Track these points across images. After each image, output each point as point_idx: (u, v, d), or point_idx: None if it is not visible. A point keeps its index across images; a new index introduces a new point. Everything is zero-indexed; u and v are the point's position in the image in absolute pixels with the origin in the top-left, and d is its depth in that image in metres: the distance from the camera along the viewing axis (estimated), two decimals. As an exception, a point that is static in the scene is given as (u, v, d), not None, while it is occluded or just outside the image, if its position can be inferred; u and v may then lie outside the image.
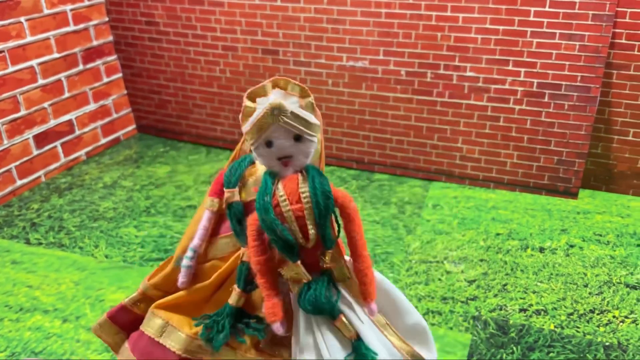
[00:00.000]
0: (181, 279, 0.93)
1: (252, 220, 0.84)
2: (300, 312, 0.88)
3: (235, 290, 0.90)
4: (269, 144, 0.80)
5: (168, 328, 0.93)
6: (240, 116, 0.82)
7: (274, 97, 0.78)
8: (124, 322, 1.01)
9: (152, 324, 0.94)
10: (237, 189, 0.88)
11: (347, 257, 0.90)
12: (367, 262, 0.86)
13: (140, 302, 0.99)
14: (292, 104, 0.78)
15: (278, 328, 0.86)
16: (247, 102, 0.80)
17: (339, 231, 0.86)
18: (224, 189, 0.89)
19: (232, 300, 0.90)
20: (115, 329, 1.01)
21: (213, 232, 0.94)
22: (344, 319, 0.87)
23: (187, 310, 0.95)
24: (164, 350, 0.92)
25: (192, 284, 0.94)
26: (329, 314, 0.86)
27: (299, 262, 0.84)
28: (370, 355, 0.86)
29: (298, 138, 0.80)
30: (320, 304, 0.84)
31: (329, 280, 0.86)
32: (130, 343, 0.97)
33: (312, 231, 0.81)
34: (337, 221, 0.86)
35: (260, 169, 0.89)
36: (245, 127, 0.80)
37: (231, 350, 0.92)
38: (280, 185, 0.81)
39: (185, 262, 0.93)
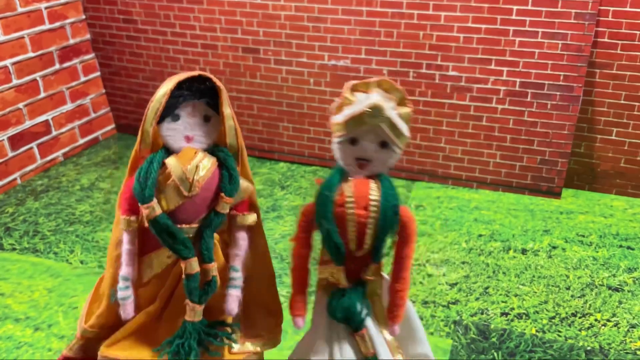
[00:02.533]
0: (124, 313, 0.82)
1: (306, 212, 0.82)
2: (324, 316, 0.86)
3: (189, 305, 0.82)
4: (353, 141, 0.78)
5: None
6: (333, 104, 0.79)
7: (376, 97, 0.76)
8: None
9: None
10: (155, 201, 0.77)
11: (384, 274, 0.88)
12: (407, 285, 0.84)
13: (82, 347, 0.92)
14: (390, 108, 0.76)
15: (299, 322, 0.85)
16: (347, 94, 0.78)
17: (390, 248, 0.84)
18: (140, 205, 0.77)
19: (189, 316, 0.82)
20: None
21: (140, 252, 0.84)
22: (366, 334, 0.85)
23: (140, 340, 0.86)
24: None
25: (137, 312, 0.84)
26: (355, 325, 0.84)
27: (342, 266, 0.82)
28: None
29: (384, 145, 0.77)
30: (352, 313, 0.82)
31: (364, 292, 0.84)
32: None
33: (368, 241, 0.79)
34: (392, 238, 0.83)
35: (174, 172, 0.78)
36: (337, 118, 0.78)
37: None
38: (350, 186, 0.78)
39: (121, 294, 0.81)
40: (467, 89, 1.73)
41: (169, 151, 0.81)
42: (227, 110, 0.80)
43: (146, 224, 0.79)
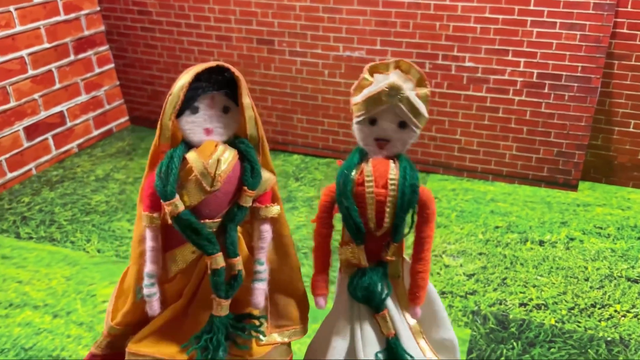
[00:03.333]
0: (150, 310, 0.81)
1: (327, 192, 0.82)
2: (346, 296, 0.87)
3: (216, 300, 0.81)
4: (373, 121, 0.78)
5: None
6: (353, 86, 0.79)
7: (394, 77, 0.76)
8: None
9: None
10: (177, 197, 0.75)
11: (405, 257, 0.88)
12: (427, 266, 0.84)
13: (111, 344, 0.91)
14: (409, 89, 0.77)
15: (320, 302, 0.86)
16: (365, 75, 0.79)
17: (410, 228, 0.83)
18: (163, 202, 0.75)
19: (216, 311, 0.81)
20: None
21: (164, 248, 0.82)
22: (387, 314, 0.85)
23: (166, 335, 0.85)
24: None
25: (163, 308, 0.83)
26: (376, 305, 0.84)
27: (362, 246, 0.82)
28: (406, 357, 0.85)
29: (403, 125, 0.78)
30: (372, 293, 0.83)
31: (385, 273, 0.84)
32: None
33: (387, 219, 0.79)
34: (412, 218, 0.83)
35: (195, 167, 0.76)
36: (356, 99, 0.78)
37: (232, 358, 0.85)
38: (369, 165, 0.79)
39: (147, 291, 0.80)
40: (483, 80, 1.72)
41: (188, 145, 0.78)
42: (247, 100, 0.78)
43: (169, 221, 0.77)
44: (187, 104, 0.76)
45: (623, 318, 1.24)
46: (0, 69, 1.75)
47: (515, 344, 1.16)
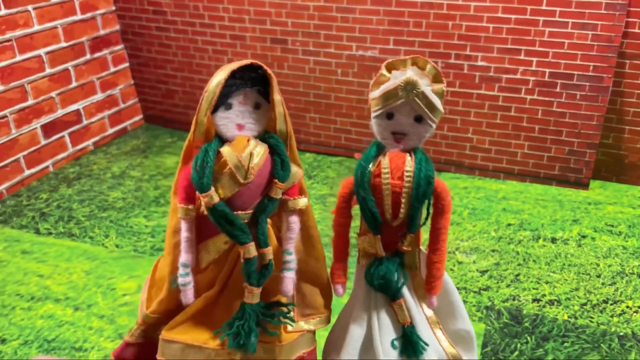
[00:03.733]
0: (185, 299, 0.85)
1: (346, 184, 0.85)
2: (363, 285, 0.89)
3: (247, 287, 0.84)
4: (389, 116, 0.81)
5: (189, 348, 0.87)
6: (371, 83, 0.83)
7: (410, 73, 0.79)
8: (133, 357, 0.95)
9: (169, 351, 0.88)
10: (212, 190, 0.78)
11: (422, 248, 0.91)
12: (443, 257, 0.86)
13: (143, 332, 0.94)
14: (425, 84, 0.79)
15: (339, 290, 0.90)
16: (383, 71, 0.81)
17: (426, 219, 0.86)
18: (199, 194, 0.79)
19: (248, 298, 0.84)
20: None
21: (197, 239, 0.86)
22: (403, 303, 0.88)
23: (198, 323, 0.89)
24: None
25: (196, 297, 0.87)
26: (393, 293, 0.87)
27: (379, 236, 0.84)
28: (421, 345, 0.88)
29: (419, 119, 0.80)
30: (388, 281, 0.85)
31: (401, 262, 0.87)
32: None
33: (403, 210, 0.82)
34: (427, 210, 0.86)
35: (230, 160, 0.79)
36: (374, 94, 0.81)
37: (262, 344, 0.88)
38: (386, 158, 0.82)
39: (182, 280, 0.84)
40: (495, 79, 1.73)
41: (221, 140, 0.82)
42: (277, 97, 0.81)
43: (205, 212, 0.80)
44: (222, 101, 0.79)
45: (635, 314, 1.25)
46: (19, 67, 1.78)
47: (529, 338, 1.18)
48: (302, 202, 0.86)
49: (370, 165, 0.82)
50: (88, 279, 1.37)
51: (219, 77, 0.78)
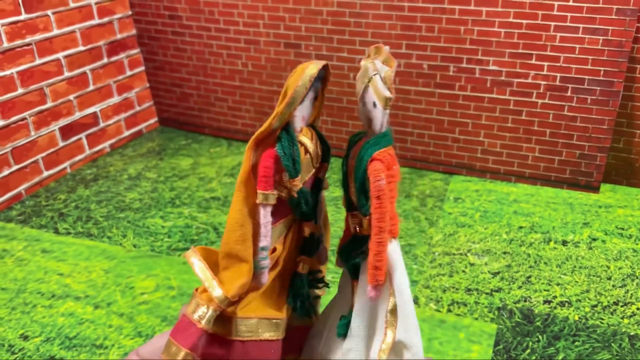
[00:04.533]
0: (263, 279, 0.92)
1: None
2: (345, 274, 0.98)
3: (306, 260, 0.96)
4: (362, 103, 0.86)
5: (262, 321, 0.94)
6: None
7: (370, 62, 0.84)
8: (206, 345, 0.93)
9: (244, 328, 0.93)
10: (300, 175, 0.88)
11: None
12: (375, 246, 0.84)
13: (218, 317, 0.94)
14: (379, 71, 0.83)
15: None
16: (362, 62, 0.86)
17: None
18: (289, 179, 0.86)
19: (302, 269, 0.96)
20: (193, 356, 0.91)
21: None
22: (355, 285, 0.93)
23: (265, 299, 0.96)
24: (268, 345, 0.94)
25: None
26: (349, 271, 0.95)
27: (349, 214, 0.91)
28: (340, 328, 0.94)
29: (374, 104, 0.85)
30: (342, 257, 0.94)
31: (357, 243, 0.91)
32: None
33: (352, 188, 0.88)
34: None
35: (310, 147, 0.89)
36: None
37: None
38: (358, 145, 0.89)
39: (263, 263, 0.91)
40: (507, 84, 1.75)
41: (289, 129, 0.88)
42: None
43: (291, 194, 0.88)
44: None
45: (646, 315, 1.27)
46: (39, 70, 1.82)
47: (540, 337, 1.20)
48: (326, 182, 0.98)
49: (349, 151, 0.91)
50: (107, 278, 1.40)
51: (311, 71, 0.84)
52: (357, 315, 0.92)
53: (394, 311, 0.88)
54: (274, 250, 0.93)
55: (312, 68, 0.85)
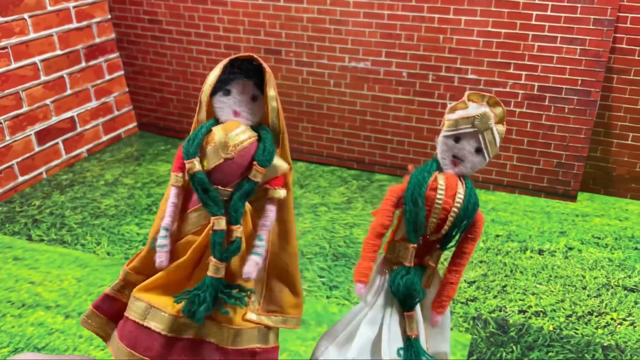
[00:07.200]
0: (158, 259, 0.91)
1: (397, 190, 0.91)
2: (381, 289, 0.94)
3: (212, 260, 0.88)
4: (457, 140, 0.88)
5: (151, 310, 0.92)
6: (450, 106, 0.90)
7: (487, 109, 0.87)
8: (111, 311, 0.99)
9: (135, 308, 0.93)
10: (197, 159, 0.86)
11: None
12: (459, 279, 0.93)
13: (124, 289, 0.98)
14: (493, 123, 0.87)
15: (360, 289, 0.90)
16: (464, 99, 0.90)
17: (456, 242, 0.92)
18: (184, 161, 0.87)
19: (211, 271, 0.88)
20: (103, 319, 1.00)
21: (183, 208, 0.93)
22: (411, 315, 0.92)
23: (168, 290, 0.93)
24: (149, 333, 0.92)
25: (170, 262, 0.92)
26: (411, 303, 0.91)
27: (415, 245, 0.90)
28: (426, 356, 0.92)
29: (479, 150, 0.88)
30: (412, 290, 0.90)
31: (422, 276, 0.92)
32: (118, 331, 0.97)
33: (446, 227, 0.88)
34: (459, 235, 0.92)
35: (216, 136, 0.87)
36: (451, 116, 0.89)
37: (215, 323, 0.92)
38: (442, 176, 0.89)
39: (159, 241, 0.91)
40: (485, 92, 1.76)
41: (217, 122, 0.90)
42: (272, 92, 0.87)
43: (186, 177, 0.88)
44: (221, 86, 0.87)
45: (619, 326, 1.27)
46: (14, 74, 1.79)
47: (514, 347, 1.20)
48: (281, 192, 0.91)
49: (427, 177, 0.89)
50: (79, 287, 1.38)
51: (221, 63, 0.86)
52: (431, 343, 0.96)
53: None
54: (183, 237, 0.92)
55: (223, 61, 0.87)
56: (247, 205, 0.91)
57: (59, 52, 1.94)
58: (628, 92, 1.70)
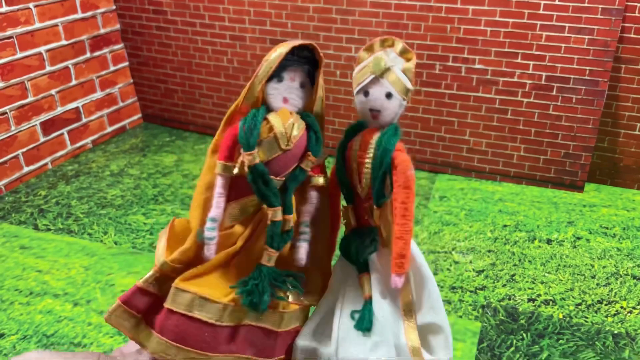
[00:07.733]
0: (208, 252, 0.89)
1: (333, 169, 0.92)
2: (343, 261, 0.95)
3: (268, 250, 0.89)
4: (365, 93, 0.87)
5: (198, 300, 0.90)
6: (354, 65, 0.90)
7: (380, 53, 0.86)
8: (143, 305, 0.95)
9: (180, 300, 0.90)
10: (256, 150, 0.85)
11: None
12: (404, 234, 0.85)
13: (156, 281, 0.95)
14: (395, 63, 0.86)
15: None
16: (361, 53, 0.89)
17: (390, 193, 0.88)
18: (243, 152, 0.85)
19: (265, 261, 0.90)
20: (130, 313, 0.96)
21: (228, 199, 0.91)
22: (365, 277, 0.91)
23: (213, 279, 0.92)
24: (199, 324, 0.90)
25: (217, 253, 0.91)
26: (353, 264, 0.92)
27: (351, 206, 0.91)
28: (365, 322, 0.89)
29: (389, 95, 0.86)
30: (348, 253, 0.92)
31: (374, 238, 0.90)
32: (157, 326, 0.93)
33: (364, 180, 0.87)
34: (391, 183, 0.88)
35: (277, 127, 0.86)
36: (354, 73, 0.89)
37: (270, 309, 0.92)
38: (360, 134, 0.89)
39: (208, 233, 0.89)
40: (493, 82, 1.75)
41: (267, 109, 0.89)
42: (321, 81, 0.89)
43: (246, 170, 0.86)
44: (276, 73, 0.87)
45: (629, 314, 1.27)
46: (20, 64, 1.78)
47: (524, 335, 1.20)
48: (322, 179, 0.93)
49: (346, 140, 0.90)
50: (87, 275, 1.38)
51: (281, 49, 0.85)
52: (379, 307, 0.90)
53: (418, 295, 0.93)
54: (232, 227, 0.91)
55: (283, 47, 0.85)
56: None
57: (64, 42, 1.93)
58: (636, 82, 1.69)
